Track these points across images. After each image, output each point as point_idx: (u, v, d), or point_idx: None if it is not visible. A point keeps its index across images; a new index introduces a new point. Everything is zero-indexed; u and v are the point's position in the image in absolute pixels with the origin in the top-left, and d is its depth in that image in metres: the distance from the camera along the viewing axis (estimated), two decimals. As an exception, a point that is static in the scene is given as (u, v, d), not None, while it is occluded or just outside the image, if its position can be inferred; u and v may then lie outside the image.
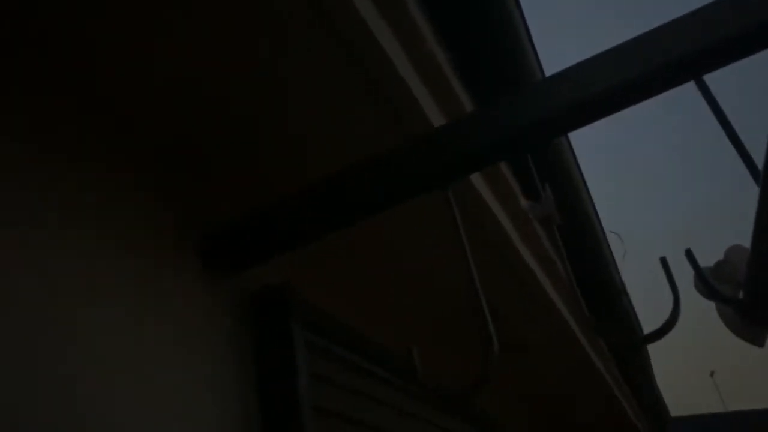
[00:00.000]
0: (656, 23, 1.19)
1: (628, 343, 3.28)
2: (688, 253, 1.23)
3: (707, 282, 1.25)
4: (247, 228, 1.36)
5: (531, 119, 1.27)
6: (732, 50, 1.14)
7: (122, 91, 1.25)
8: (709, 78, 1.32)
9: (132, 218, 1.24)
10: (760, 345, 1.49)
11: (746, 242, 1.33)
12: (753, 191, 1.19)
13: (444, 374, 2.07)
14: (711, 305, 1.62)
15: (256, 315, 1.42)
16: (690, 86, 1.33)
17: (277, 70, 1.29)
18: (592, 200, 2.84)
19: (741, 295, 1.38)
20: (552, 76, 1.34)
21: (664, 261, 1.14)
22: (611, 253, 3.38)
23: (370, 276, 1.98)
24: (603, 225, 3.21)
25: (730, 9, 1.14)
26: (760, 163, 1.21)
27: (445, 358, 2.27)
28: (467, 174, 1.49)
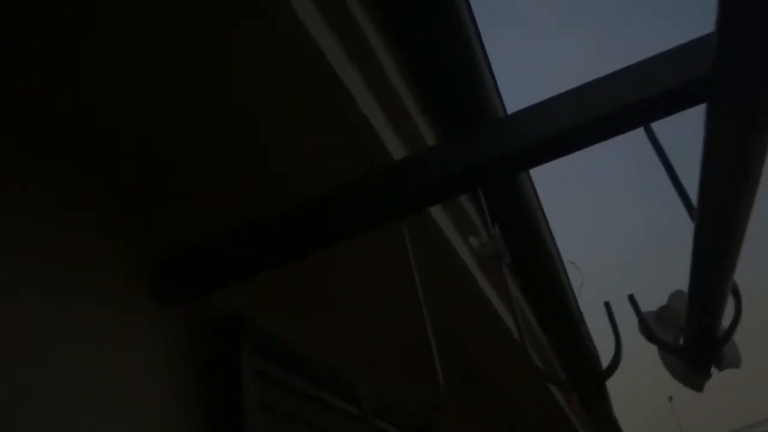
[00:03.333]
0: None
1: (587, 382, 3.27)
2: (631, 298, 1.21)
3: (648, 328, 1.24)
4: (201, 256, 1.31)
5: (489, 156, 1.25)
6: (678, 101, 1.15)
7: (77, 117, 1.20)
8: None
9: (84, 244, 1.18)
10: (699, 390, 1.48)
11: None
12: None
13: (401, 403, 2.02)
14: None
15: (207, 344, 1.36)
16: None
17: (244, 102, 1.26)
18: (550, 230, 2.83)
19: (682, 340, 1.37)
20: (511, 115, 1.33)
21: (607, 305, 1.12)
22: (569, 282, 3.38)
23: (328, 304, 1.93)
24: (561, 255, 3.22)
25: (671, 63, 1.15)
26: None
27: (402, 386, 2.22)
28: (424, 207, 1.47)
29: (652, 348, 1.48)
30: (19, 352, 0.97)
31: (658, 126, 1.31)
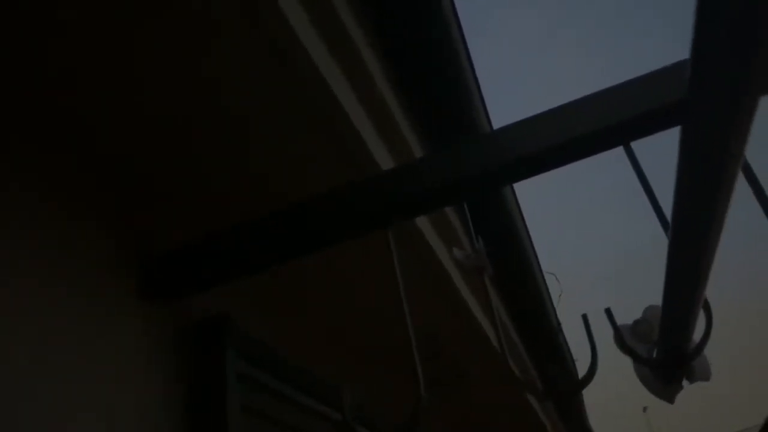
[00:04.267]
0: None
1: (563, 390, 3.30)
2: (608, 312, 1.24)
3: (623, 341, 1.27)
4: (187, 257, 1.31)
5: (473, 169, 1.27)
6: (653, 123, 1.18)
7: (67, 119, 1.20)
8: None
9: (70, 243, 1.18)
10: (670, 402, 1.52)
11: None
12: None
13: (384, 408, 2.03)
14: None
15: (192, 345, 1.36)
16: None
17: (235, 107, 1.27)
18: (531, 242, 2.86)
19: (655, 353, 1.41)
20: (496, 131, 1.35)
21: (585, 318, 1.15)
22: (548, 292, 3.42)
23: (314, 309, 1.94)
24: (541, 265, 3.25)
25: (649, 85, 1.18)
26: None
27: (385, 391, 2.23)
28: (409, 217, 1.48)
29: (628, 359, 1.51)
30: (2, 349, 0.97)
31: (638, 144, 1.34)
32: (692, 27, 0.79)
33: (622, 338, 1.25)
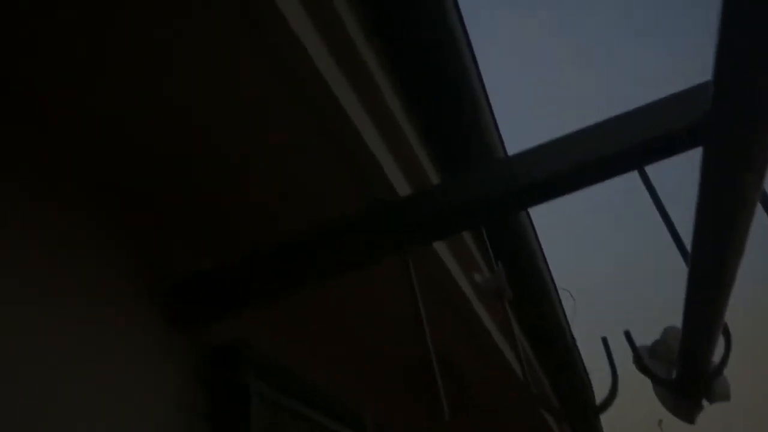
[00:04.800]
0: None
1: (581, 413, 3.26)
2: (627, 335, 1.24)
3: (643, 363, 1.26)
4: (209, 285, 1.33)
5: (491, 194, 1.28)
6: (670, 146, 1.19)
7: (97, 148, 1.23)
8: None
9: (98, 273, 1.20)
10: (691, 422, 1.50)
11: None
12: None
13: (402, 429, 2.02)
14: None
15: (213, 370, 1.38)
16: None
17: (259, 134, 1.29)
18: (545, 260, 2.85)
19: (674, 374, 1.40)
20: (512, 156, 1.36)
21: (605, 341, 1.15)
22: (563, 309, 3.40)
23: (334, 332, 1.94)
24: (555, 282, 3.24)
25: (666, 110, 1.19)
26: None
27: (403, 413, 2.22)
28: (427, 242, 1.50)
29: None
30: (33, 373, 0.99)
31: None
32: (715, 48, 0.79)
33: (641, 360, 1.25)
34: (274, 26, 1.03)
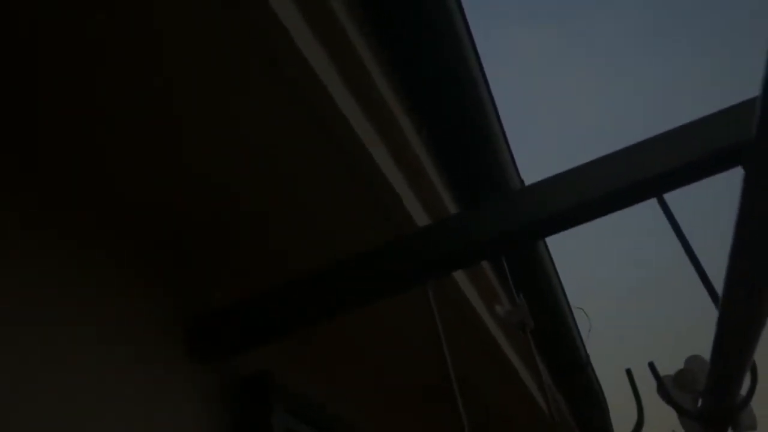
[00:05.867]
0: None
1: None
2: (651, 366, 1.21)
3: (668, 393, 1.23)
4: (232, 318, 1.33)
5: (511, 225, 1.27)
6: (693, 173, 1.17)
7: (124, 200, 1.25)
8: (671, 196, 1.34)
9: (123, 308, 1.21)
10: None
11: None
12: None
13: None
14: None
15: (238, 402, 1.37)
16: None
17: (278, 168, 1.30)
18: (560, 280, 2.81)
19: (699, 403, 1.36)
20: (530, 186, 1.34)
21: (629, 372, 1.12)
22: (577, 328, 3.35)
23: (357, 361, 1.93)
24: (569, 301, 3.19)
25: (691, 135, 1.18)
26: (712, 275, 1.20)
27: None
28: (446, 273, 1.48)
29: (655, 385, 1.46)
30: (56, 407, 0.98)
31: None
32: (764, 68, 0.76)
33: (667, 391, 1.21)
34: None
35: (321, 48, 1.08)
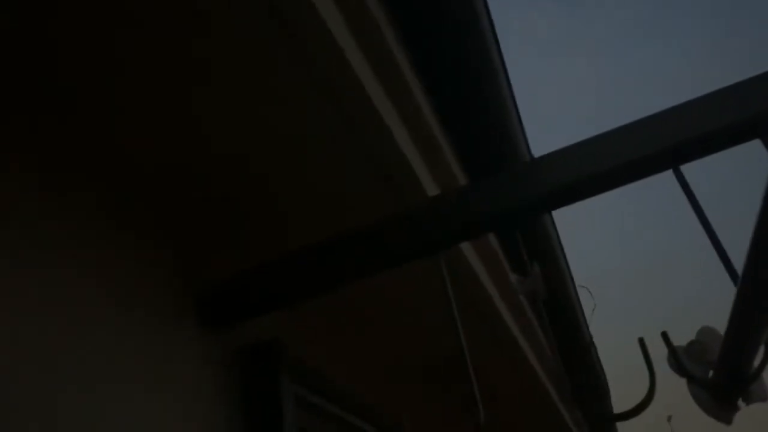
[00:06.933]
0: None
1: (602, 417, 3.21)
2: (664, 335, 1.20)
3: (680, 362, 1.21)
4: (241, 286, 1.31)
5: (521, 197, 1.24)
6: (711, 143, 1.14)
7: (135, 160, 1.22)
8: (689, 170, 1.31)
9: (134, 276, 1.18)
10: (728, 423, 1.44)
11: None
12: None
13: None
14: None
15: (247, 370, 1.35)
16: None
17: (287, 137, 1.27)
18: (566, 258, 2.80)
19: (710, 374, 1.35)
20: (541, 158, 1.32)
21: (641, 341, 1.10)
22: (581, 307, 3.34)
23: (365, 334, 1.91)
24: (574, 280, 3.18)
25: (711, 105, 1.15)
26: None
27: (433, 416, 2.18)
28: (459, 242, 1.46)
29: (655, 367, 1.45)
30: (70, 374, 0.97)
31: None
32: None
33: (678, 360, 1.20)
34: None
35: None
